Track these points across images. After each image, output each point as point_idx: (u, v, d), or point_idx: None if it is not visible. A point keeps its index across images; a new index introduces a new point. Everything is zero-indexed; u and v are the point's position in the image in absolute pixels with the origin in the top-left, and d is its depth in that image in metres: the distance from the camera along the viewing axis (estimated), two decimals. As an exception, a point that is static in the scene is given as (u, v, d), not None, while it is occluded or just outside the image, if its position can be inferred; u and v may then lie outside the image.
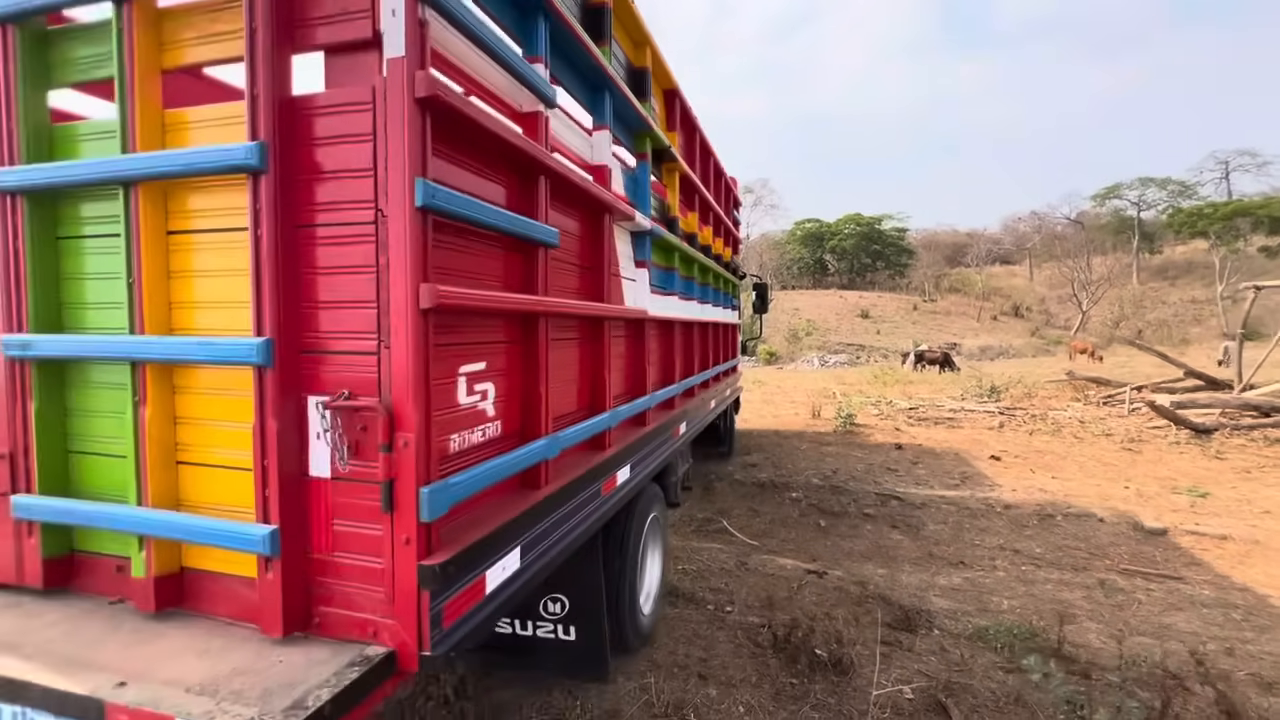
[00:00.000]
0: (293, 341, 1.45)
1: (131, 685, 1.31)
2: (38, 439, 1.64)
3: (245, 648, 1.45)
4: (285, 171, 1.42)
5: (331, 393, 1.43)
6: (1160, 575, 4.51)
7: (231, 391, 1.51)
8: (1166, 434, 7.75)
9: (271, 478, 1.43)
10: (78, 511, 1.61)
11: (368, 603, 1.44)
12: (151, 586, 1.56)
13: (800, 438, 8.55)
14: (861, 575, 4.68)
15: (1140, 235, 58.42)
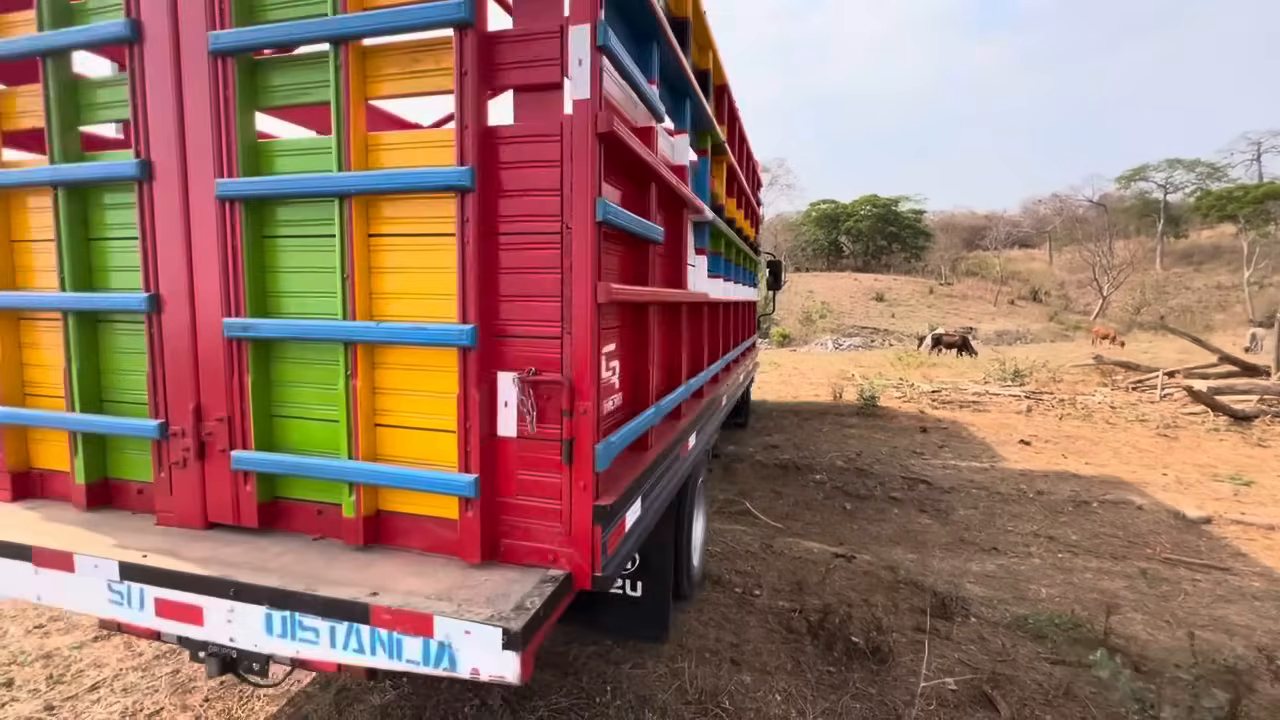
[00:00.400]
0: (489, 327, 1.75)
1: (382, 594, 1.61)
2: (253, 405, 1.93)
3: (449, 571, 1.76)
4: (485, 189, 1.70)
5: (519, 370, 1.74)
6: (1205, 565, 4.33)
7: (428, 367, 1.80)
8: (1204, 420, 7.50)
9: (473, 437, 1.74)
10: (298, 464, 1.90)
11: (547, 535, 1.77)
12: (360, 525, 1.87)
13: (821, 419, 8.38)
14: (891, 560, 4.54)
15: (1166, 219, 56.95)
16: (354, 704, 2.71)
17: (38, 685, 2.80)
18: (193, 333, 1.98)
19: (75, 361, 2.11)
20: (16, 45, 2.05)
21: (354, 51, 1.75)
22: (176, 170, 1.94)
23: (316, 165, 1.85)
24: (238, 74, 1.86)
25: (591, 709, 2.67)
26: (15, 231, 2.23)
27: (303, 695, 2.76)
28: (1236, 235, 50.37)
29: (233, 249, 1.90)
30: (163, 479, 2.05)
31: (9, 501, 2.27)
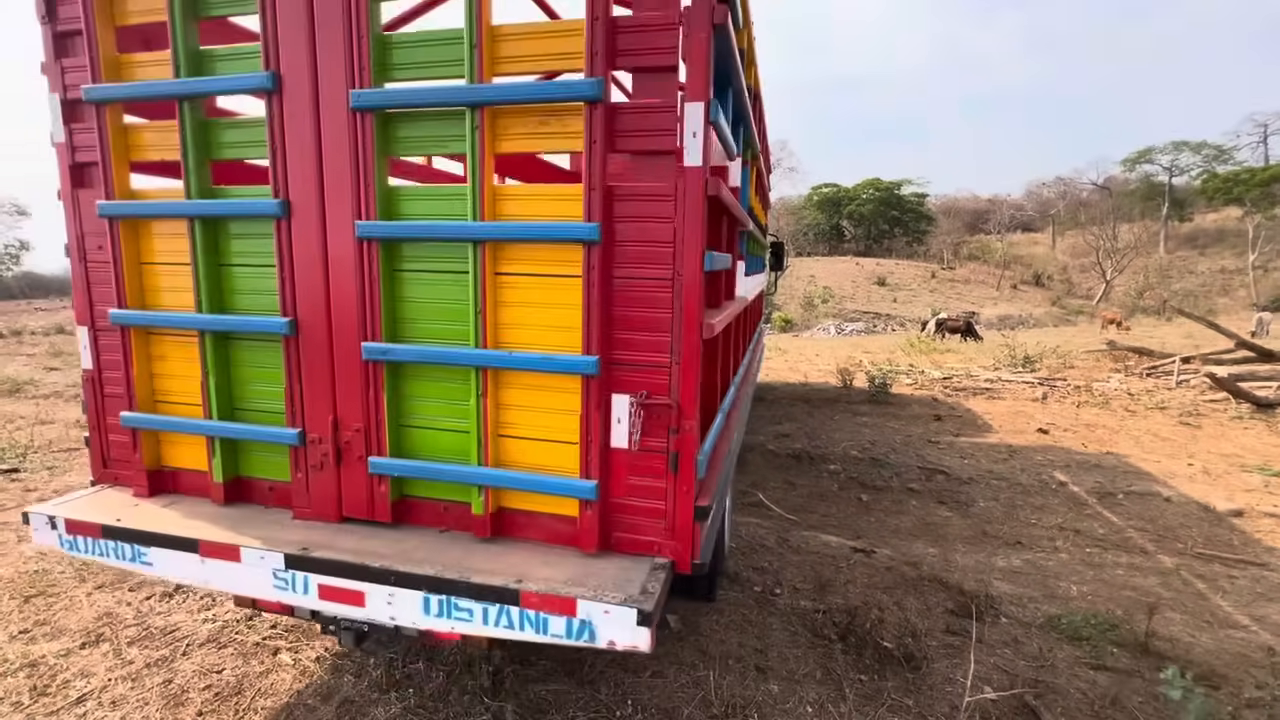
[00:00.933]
0: (607, 357, 1.98)
1: (526, 581, 1.87)
2: (388, 417, 2.16)
3: (572, 560, 2.03)
4: (607, 239, 1.91)
5: (632, 393, 1.97)
6: (1240, 560, 4.17)
7: (551, 388, 2.05)
8: (1225, 408, 7.32)
9: (593, 449, 2.01)
10: (434, 469, 2.15)
11: (653, 530, 2.05)
12: (489, 520, 2.13)
13: (832, 407, 8.20)
14: (912, 555, 4.38)
15: (1171, 202, 56.45)
16: (358, 717, 2.55)
17: (20, 697, 2.64)
18: (330, 354, 2.20)
19: (213, 374, 2.32)
20: (158, 88, 2.21)
21: (489, 113, 1.95)
22: (315, 209, 2.13)
23: (447, 210, 2.06)
24: (376, 126, 2.03)
25: (611, 723, 2.51)
26: (146, 255, 2.39)
27: (303, 708, 2.60)
28: (1242, 218, 49.91)
29: (370, 282, 2.10)
30: (300, 479, 2.30)
31: (148, 497, 2.47)
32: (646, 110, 1.87)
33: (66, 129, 2.37)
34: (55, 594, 3.50)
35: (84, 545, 2.25)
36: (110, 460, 2.56)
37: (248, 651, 2.99)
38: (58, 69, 2.34)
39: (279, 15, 2.06)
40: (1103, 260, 48.87)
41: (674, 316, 1.92)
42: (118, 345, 2.43)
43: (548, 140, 1.96)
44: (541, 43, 1.91)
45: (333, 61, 2.02)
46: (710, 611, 3.41)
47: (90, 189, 2.39)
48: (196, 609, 3.38)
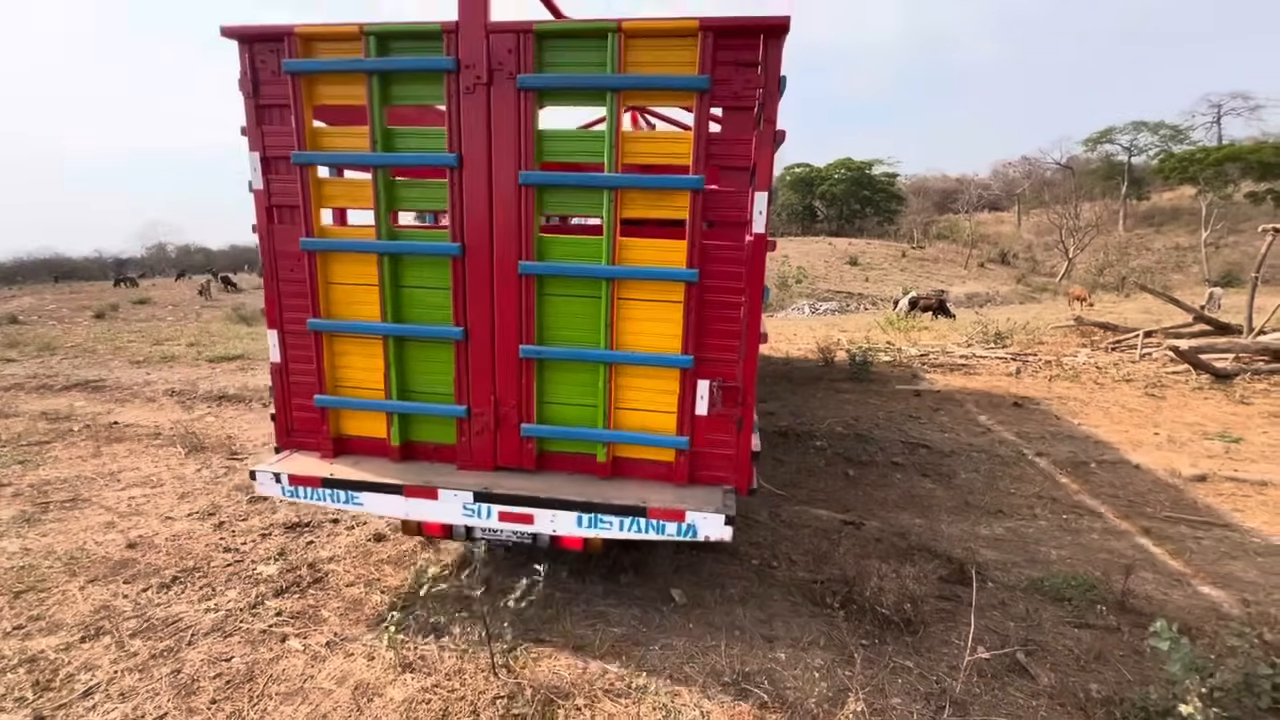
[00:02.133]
0: (696, 354, 2.85)
1: (648, 501, 2.80)
2: (536, 397, 3.03)
3: (669, 490, 2.96)
4: (703, 277, 2.78)
5: (712, 378, 2.88)
6: (1205, 523, 4.42)
7: (655, 376, 2.94)
8: (1187, 379, 7.66)
9: (686, 416, 2.92)
10: (574, 433, 3.04)
11: (723, 468, 2.98)
12: (611, 465, 3.05)
13: (815, 385, 8.35)
14: (900, 525, 4.53)
15: (1130, 181, 58.03)
16: (374, 698, 2.57)
17: (23, 693, 2.59)
18: (491, 352, 3.02)
19: (394, 367, 3.12)
20: (363, 158, 2.95)
21: (621, 191, 2.79)
22: (485, 251, 2.92)
23: (587, 254, 2.89)
24: (536, 195, 2.84)
25: (627, 696, 2.57)
26: (337, 277, 3.13)
27: (319, 692, 2.61)
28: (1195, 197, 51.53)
29: (526, 303, 2.93)
30: (464, 441, 3.15)
31: (333, 458, 3.25)
32: (728, 194, 2.76)
33: (265, 179, 3.06)
34: (46, 589, 3.42)
35: (304, 493, 3.02)
36: (294, 431, 3.33)
37: (255, 639, 2.97)
38: (259, 133, 3.01)
39: (463, 113, 2.81)
40: (1065, 239, 50.08)
41: (742, 328, 2.84)
42: (306, 345, 3.17)
43: (662, 211, 2.79)
44: (659, 145, 2.89)
45: (505, 148, 2.80)
46: (713, 585, 3.50)
47: (283, 225, 3.10)
48: (197, 599, 3.34)
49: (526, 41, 2.70)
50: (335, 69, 2.87)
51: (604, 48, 2.66)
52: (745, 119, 2.66)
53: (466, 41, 2.73)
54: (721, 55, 2.62)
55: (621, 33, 2.63)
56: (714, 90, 2.64)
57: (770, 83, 2.61)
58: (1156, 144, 57.63)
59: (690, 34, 2.61)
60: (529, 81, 2.71)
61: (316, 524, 4.39)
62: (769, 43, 2.59)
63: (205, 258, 60.46)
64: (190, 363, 10.66)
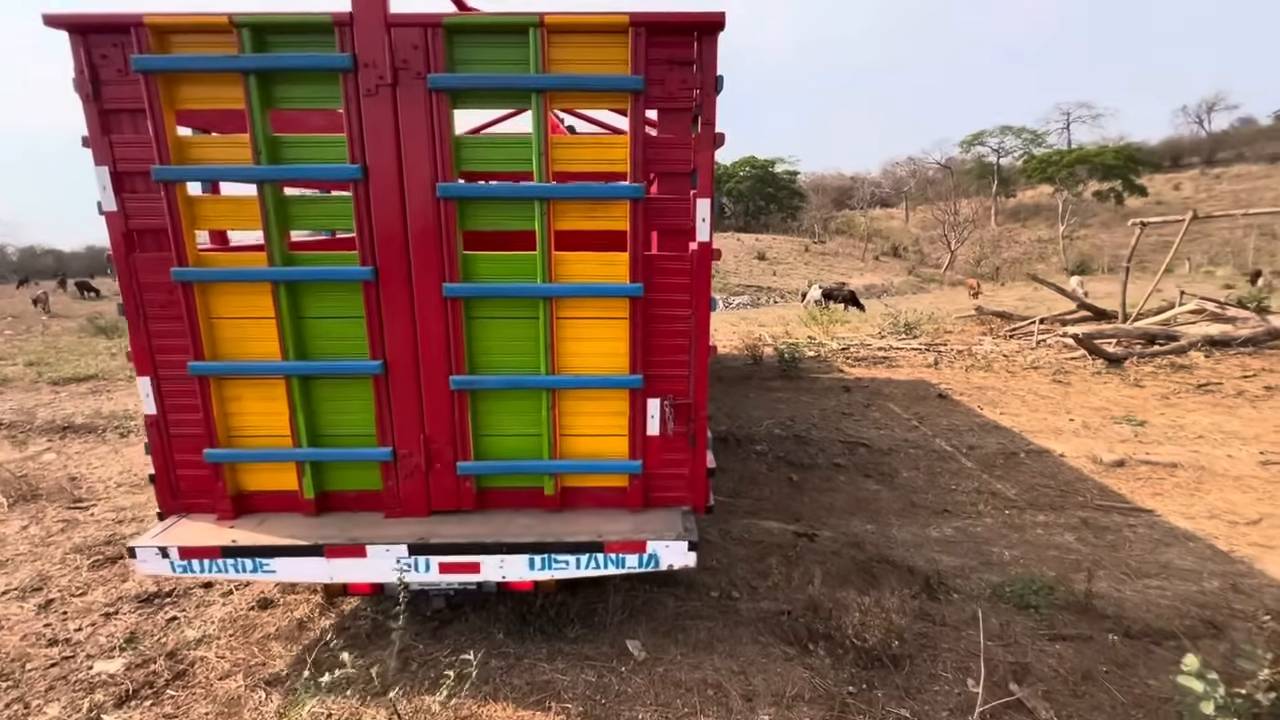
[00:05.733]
0: (645, 373, 2.73)
1: (604, 535, 2.64)
2: (472, 430, 2.78)
3: (624, 517, 2.82)
4: (645, 292, 2.64)
5: (663, 397, 2.77)
6: (1133, 509, 4.55)
7: (602, 399, 2.77)
8: (1085, 365, 8.18)
9: (637, 439, 2.79)
10: (516, 466, 2.83)
11: (678, 488, 2.87)
12: (559, 498, 2.86)
13: (746, 384, 8.18)
14: (852, 533, 4.35)
15: (999, 180, 63.92)
16: None
17: None
18: (418, 386, 2.70)
19: (300, 410, 2.71)
20: (244, 172, 2.53)
21: (554, 203, 2.55)
22: (401, 273, 2.59)
23: (519, 272, 2.62)
24: (457, 208, 2.54)
25: (593, 799, 2.10)
26: (220, 311, 2.67)
27: None
28: (1053, 195, 57.65)
29: (454, 328, 2.63)
30: (391, 486, 2.80)
31: (233, 519, 2.81)
32: (671, 201, 2.60)
33: (119, 199, 2.55)
34: None
35: (202, 566, 2.60)
36: (181, 493, 2.86)
37: None
38: (106, 144, 2.50)
39: (366, 118, 2.46)
40: (947, 233, 54.33)
41: (690, 342, 2.70)
42: (188, 392, 2.71)
43: (598, 221, 2.60)
44: (593, 151, 2.65)
45: (419, 158, 2.50)
46: (674, 630, 3.08)
47: (147, 253, 2.61)
48: None
49: (435, 37, 2.40)
50: (201, 67, 2.42)
51: (525, 44, 2.41)
52: (682, 121, 2.52)
53: (364, 36, 2.39)
54: (654, 53, 2.44)
55: (543, 27, 2.38)
56: (648, 91, 2.46)
57: (707, 82, 2.46)
58: (1020, 147, 63.94)
59: (620, 30, 2.40)
60: (440, 82, 2.42)
61: (182, 591, 3.55)
62: (703, 40, 2.45)
63: (55, 261, 52.61)
64: (28, 386, 8.92)
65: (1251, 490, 4.76)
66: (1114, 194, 55.39)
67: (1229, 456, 5.33)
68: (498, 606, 3.23)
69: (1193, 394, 6.99)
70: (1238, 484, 4.86)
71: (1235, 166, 62.72)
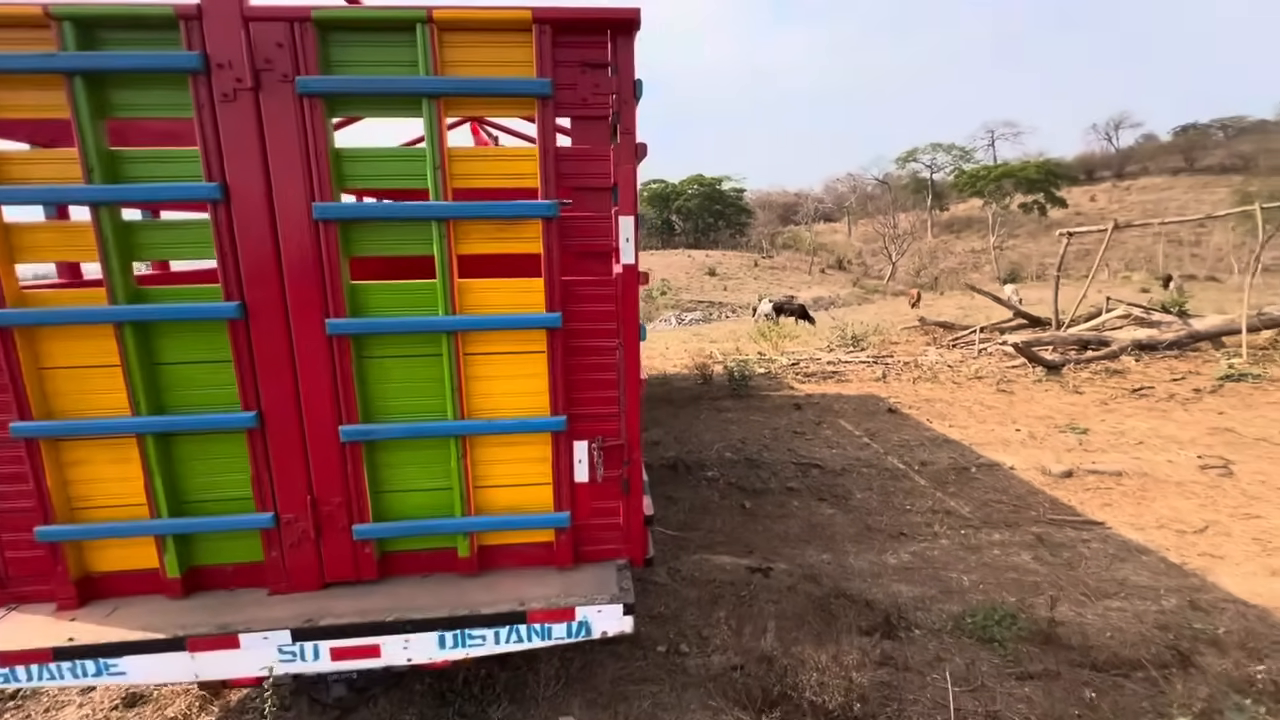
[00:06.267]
0: (570, 413, 2.42)
1: (528, 602, 2.31)
2: (369, 487, 2.39)
3: (552, 576, 2.49)
4: (565, 321, 2.35)
5: (590, 438, 2.47)
6: (1085, 522, 4.49)
7: (522, 443, 2.44)
8: (1025, 373, 8.30)
9: (563, 487, 2.48)
10: (424, 526, 2.45)
11: (613, 540, 2.58)
12: (475, 560, 2.51)
13: (696, 405, 7.94)
14: (807, 564, 4.11)
15: (933, 194, 67.00)
16: None
17: None
18: (302, 439, 2.33)
19: (158, 473, 2.31)
20: (69, 193, 2.15)
21: (454, 223, 2.26)
22: (276, 309, 2.23)
23: (417, 303, 2.31)
24: (339, 232, 2.21)
25: None
26: (51, 360, 2.26)
27: None
28: (983, 208, 60.76)
29: (342, 371, 2.30)
30: (275, 557, 2.42)
31: (77, 608, 2.37)
32: (590, 220, 2.34)
33: None
34: None
35: (29, 674, 2.18)
36: (9, 580, 2.42)
37: None
38: None
39: (223, 128, 2.10)
40: (888, 245, 56.36)
41: (620, 376, 2.44)
42: (12, 457, 2.29)
43: (507, 243, 2.30)
44: (499, 164, 2.32)
45: (290, 173, 2.15)
46: (615, 700, 2.74)
47: None
48: None
49: (304, 33, 2.08)
50: (9, 67, 2.05)
51: (412, 43, 2.12)
52: (599, 130, 2.28)
53: (216, 32, 2.05)
54: (563, 54, 2.20)
55: (433, 24, 2.11)
56: (558, 96, 2.21)
57: (624, 87, 2.23)
58: (950, 162, 67.27)
59: (523, 28, 2.15)
60: (312, 85, 2.10)
61: (30, 692, 2.98)
62: (618, 40, 2.21)
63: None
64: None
65: (1194, 496, 4.78)
66: (1038, 206, 58.74)
67: (1169, 462, 5.38)
68: (413, 684, 2.82)
69: (1129, 399, 7.15)
70: (1180, 490, 4.88)
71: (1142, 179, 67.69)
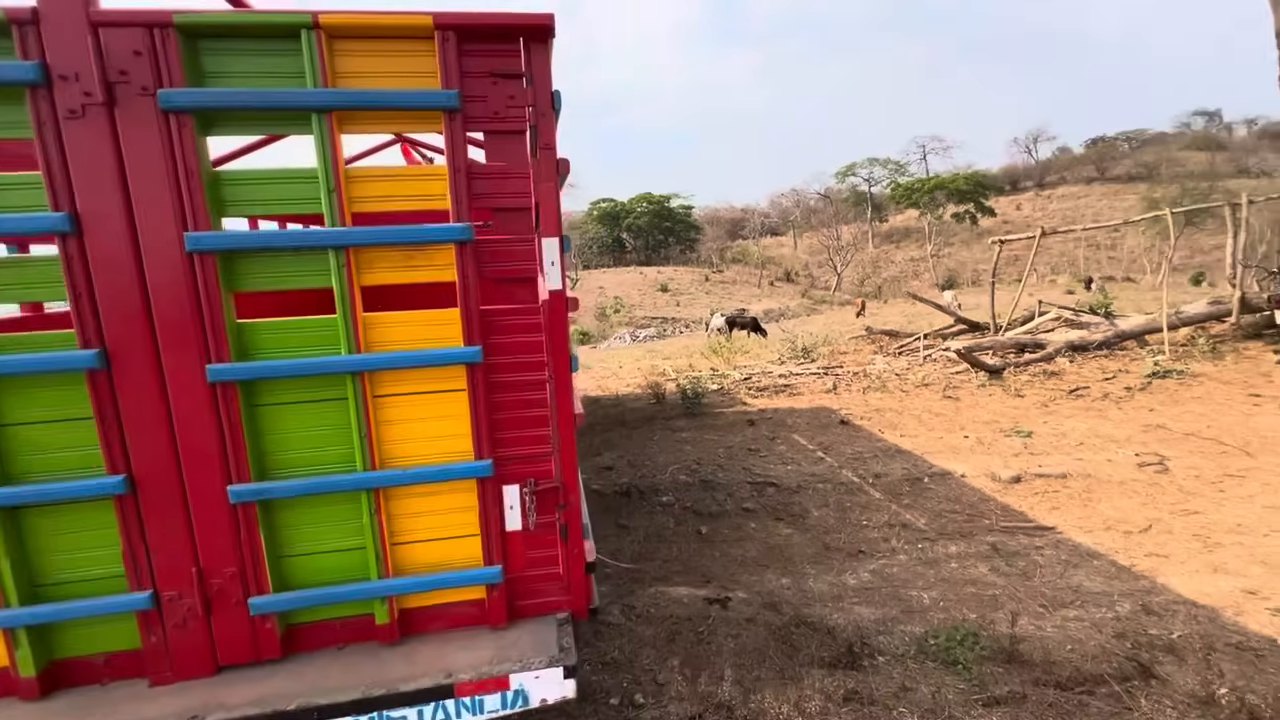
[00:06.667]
0: (497, 455, 2.20)
1: (456, 673, 2.04)
2: (266, 553, 2.09)
3: (485, 637, 2.23)
4: (487, 355, 2.14)
5: (520, 482, 2.24)
6: (1036, 528, 4.50)
7: (444, 492, 2.20)
8: (969, 378, 8.49)
9: (493, 538, 2.24)
10: (331, 594, 2.14)
11: (552, 591, 2.33)
12: (395, 627, 2.22)
13: (650, 426, 7.76)
14: (767, 591, 3.95)
15: (873, 207, 69.69)
16: None
17: None
18: (184, 503, 2.04)
19: (5, 553, 1.99)
20: None
21: (354, 251, 2.01)
22: (145, 356, 1.95)
23: (316, 341, 2.04)
24: (219, 265, 1.93)
25: None
26: None
27: None
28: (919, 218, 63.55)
29: (229, 422, 2.00)
30: (156, 642, 2.10)
31: None
32: (510, 243, 2.14)
33: None
34: None
35: None
36: None
37: None
38: None
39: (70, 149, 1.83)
40: (833, 257, 58.15)
41: (551, 412, 2.21)
42: None
43: (417, 272, 2.08)
44: (403, 185, 2.08)
45: (156, 203, 1.89)
46: (562, 768, 2.48)
47: None
48: None
49: (166, 41, 1.83)
50: None
51: (297, 52, 1.90)
52: (516, 146, 2.11)
53: (57, 39, 1.79)
54: (471, 64, 2.02)
55: (320, 30, 1.89)
56: (467, 110, 2.03)
57: (541, 98, 2.06)
58: (887, 176, 70.24)
59: (423, 35, 1.96)
60: (178, 100, 1.84)
61: None
62: (532, 48, 2.04)
63: None
64: None
65: (1136, 495, 4.87)
66: (969, 215, 61.79)
67: (1109, 461, 5.51)
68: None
69: (1067, 400, 7.37)
70: (1122, 489, 4.98)
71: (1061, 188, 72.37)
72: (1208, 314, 9.06)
